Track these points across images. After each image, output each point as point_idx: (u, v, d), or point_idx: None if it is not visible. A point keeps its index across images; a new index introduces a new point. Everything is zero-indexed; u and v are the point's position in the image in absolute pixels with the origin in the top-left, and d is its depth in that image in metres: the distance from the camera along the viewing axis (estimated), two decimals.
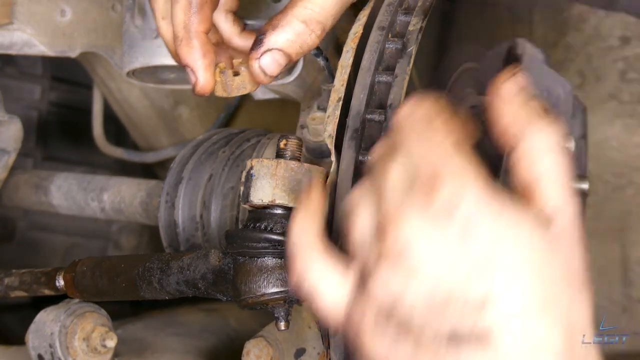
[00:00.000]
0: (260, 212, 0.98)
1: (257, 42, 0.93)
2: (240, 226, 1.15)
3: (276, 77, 0.97)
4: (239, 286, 0.97)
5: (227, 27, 1.04)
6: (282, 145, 0.99)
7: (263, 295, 0.96)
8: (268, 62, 0.93)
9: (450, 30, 1.11)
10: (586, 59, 1.69)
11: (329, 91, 1.00)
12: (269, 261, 0.96)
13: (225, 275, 0.99)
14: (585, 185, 1.21)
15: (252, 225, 0.98)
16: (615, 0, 1.30)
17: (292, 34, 0.91)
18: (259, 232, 0.96)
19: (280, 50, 0.92)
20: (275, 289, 0.96)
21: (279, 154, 0.99)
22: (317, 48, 1.06)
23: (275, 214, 0.97)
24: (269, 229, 0.96)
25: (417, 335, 0.68)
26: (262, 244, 0.96)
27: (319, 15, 0.90)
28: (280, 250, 0.96)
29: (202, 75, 0.97)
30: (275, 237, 0.96)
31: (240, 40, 1.04)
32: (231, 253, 0.99)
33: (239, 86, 1.01)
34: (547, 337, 0.68)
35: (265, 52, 0.92)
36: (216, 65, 1.00)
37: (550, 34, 1.71)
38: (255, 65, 0.93)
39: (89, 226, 2.02)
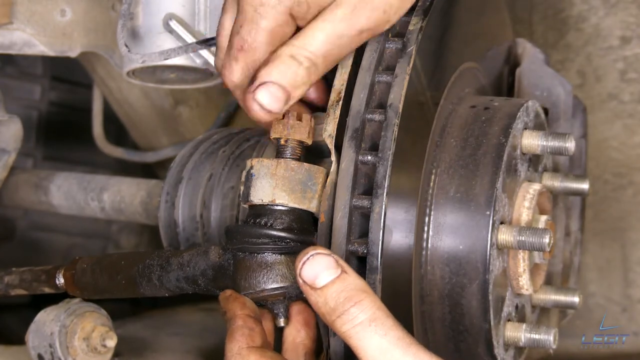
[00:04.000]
0: (261, 208, 0.98)
1: (252, 79, 0.96)
2: None
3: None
4: (239, 282, 0.97)
5: None
6: (282, 144, 0.99)
7: (263, 290, 0.96)
8: (264, 95, 0.94)
9: (450, 30, 1.11)
10: (586, 59, 1.68)
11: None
12: (269, 257, 0.96)
13: (225, 271, 0.99)
14: (585, 185, 1.21)
15: (252, 221, 0.98)
16: None
17: (282, 67, 0.94)
18: (259, 228, 0.96)
19: (273, 83, 0.94)
20: (275, 285, 0.96)
21: (279, 154, 0.99)
22: None
23: (276, 209, 0.97)
24: (269, 224, 0.96)
25: None
26: (262, 240, 0.96)
27: (305, 51, 0.94)
28: (280, 246, 0.96)
29: None
30: (275, 233, 0.96)
31: None
32: (231, 249, 0.99)
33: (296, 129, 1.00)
34: None
35: (258, 86, 0.94)
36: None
37: (550, 34, 1.71)
38: (250, 99, 0.95)
39: (89, 226, 2.02)
